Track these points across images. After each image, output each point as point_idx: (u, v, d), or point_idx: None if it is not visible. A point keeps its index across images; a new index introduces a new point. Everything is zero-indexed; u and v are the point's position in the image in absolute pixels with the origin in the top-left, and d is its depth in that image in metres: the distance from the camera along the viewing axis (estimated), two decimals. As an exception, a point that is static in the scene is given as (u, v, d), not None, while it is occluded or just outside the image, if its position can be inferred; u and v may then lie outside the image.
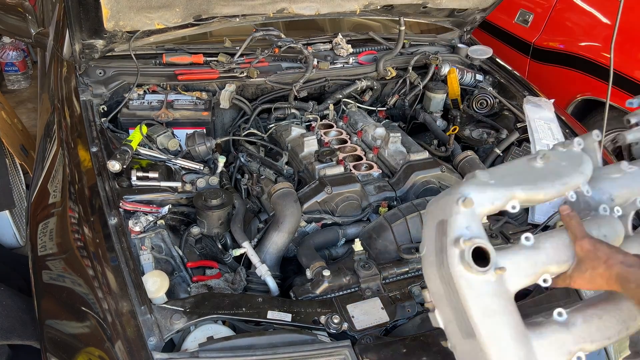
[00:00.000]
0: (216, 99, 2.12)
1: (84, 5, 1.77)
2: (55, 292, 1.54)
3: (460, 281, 0.96)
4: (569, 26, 3.27)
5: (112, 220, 1.51)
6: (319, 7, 2.15)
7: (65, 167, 1.72)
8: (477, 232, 0.97)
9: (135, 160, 1.76)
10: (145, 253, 1.49)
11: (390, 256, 1.66)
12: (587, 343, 0.99)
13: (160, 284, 1.38)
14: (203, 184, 1.77)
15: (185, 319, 1.32)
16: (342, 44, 2.42)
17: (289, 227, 1.69)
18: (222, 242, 1.76)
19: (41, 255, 1.63)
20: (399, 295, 1.53)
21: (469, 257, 0.94)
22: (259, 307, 1.40)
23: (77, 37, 1.85)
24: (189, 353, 1.27)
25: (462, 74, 2.46)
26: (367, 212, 1.86)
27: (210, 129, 2.06)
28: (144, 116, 1.99)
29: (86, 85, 1.97)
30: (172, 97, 2.08)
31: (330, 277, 1.50)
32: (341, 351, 1.31)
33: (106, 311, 1.34)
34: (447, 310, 1.03)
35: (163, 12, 1.89)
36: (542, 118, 2.14)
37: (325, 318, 1.39)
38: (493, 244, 1.36)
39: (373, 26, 2.84)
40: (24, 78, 4.52)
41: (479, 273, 0.94)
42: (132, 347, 1.26)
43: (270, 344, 1.30)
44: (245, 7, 2.02)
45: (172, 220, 1.70)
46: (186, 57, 2.17)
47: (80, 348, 1.38)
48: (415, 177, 1.90)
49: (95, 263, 1.44)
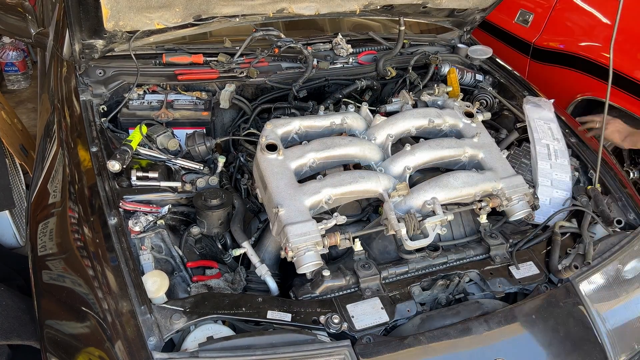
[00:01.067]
0: (216, 99, 2.12)
1: (84, 5, 1.77)
2: (55, 292, 1.54)
3: (261, 158, 1.66)
4: (569, 26, 3.27)
5: (112, 220, 1.51)
6: (319, 7, 2.14)
7: (65, 167, 1.72)
8: (271, 137, 1.71)
9: (135, 160, 1.76)
10: (145, 253, 1.50)
11: (390, 256, 1.67)
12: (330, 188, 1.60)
13: (160, 284, 1.38)
14: (203, 184, 1.77)
15: (185, 319, 1.32)
16: (342, 44, 2.42)
17: (288, 227, 1.69)
18: (221, 242, 1.76)
19: (41, 255, 1.64)
20: (398, 295, 1.53)
21: (264, 146, 1.66)
22: (259, 307, 1.40)
23: (77, 37, 1.85)
24: (189, 353, 1.27)
25: (462, 74, 2.46)
26: (367, 211, 1.86)
27: (210, 129, 2.06)
28: (143, 116, 1.99)
29: (86, 85, 1.97)
30: (172, 97, 2.08)
31: (330, 277, 1.50)
32: (341, 351, 1.32)
33: (106, 311, 1.34)
34: (259, 185, 1.67)
35: (163, 12, 1.89)
36: (542, 118, 2.14)
37: (325, 318, 1.40)
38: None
39: (373, 26, 2.84)
40: (24, 78, 4.52)
41: (270, 154, 1.65)
42: (132, 347, 1.26)
43: (270, 343, 1.30)
44: (245, 7, 2.02)
45: (172, 220, 1.70)
46: (186, 57, 2.17)
47: (80, 348, 1.38)
48: (415, 178, 1.90)
49: (95, 263, 1.44)
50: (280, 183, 1.58)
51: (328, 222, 1.53)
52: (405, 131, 1.84)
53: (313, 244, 1.47)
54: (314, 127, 1.83)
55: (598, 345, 1.52)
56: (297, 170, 1.67)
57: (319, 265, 1.49)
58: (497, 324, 1.46)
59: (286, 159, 1.65)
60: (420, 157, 1.74)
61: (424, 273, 1.60)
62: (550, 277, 1.65)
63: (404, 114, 1.88)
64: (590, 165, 2.03)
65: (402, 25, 2.41)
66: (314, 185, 1.59)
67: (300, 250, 1.46)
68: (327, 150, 1.71)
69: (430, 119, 1.86)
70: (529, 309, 1.52)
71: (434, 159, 1.76)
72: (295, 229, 1.47)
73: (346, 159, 1.75)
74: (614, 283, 1.67)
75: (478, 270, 1.63)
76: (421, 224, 1.56)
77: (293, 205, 1.53)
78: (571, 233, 1.77)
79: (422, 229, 1.57)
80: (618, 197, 1.92)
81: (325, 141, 1.74)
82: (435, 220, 1.57)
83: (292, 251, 1.46)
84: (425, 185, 1.65)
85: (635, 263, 1.73)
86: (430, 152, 1.75)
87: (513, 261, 1.66)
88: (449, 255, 1.63)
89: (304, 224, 1.49)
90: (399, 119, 1.84)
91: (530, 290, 1.61)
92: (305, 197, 1.56)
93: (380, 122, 1.86)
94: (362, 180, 1.63)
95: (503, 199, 1.70)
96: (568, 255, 1.71)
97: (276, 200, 1.54)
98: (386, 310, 1.47)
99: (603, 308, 1.60)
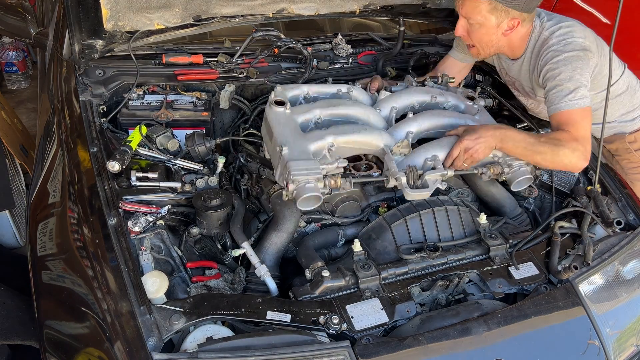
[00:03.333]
0: (216, 99, 2.12)
1: (84, 5, 1.78)
2: (54, 292, 1.55)
3: (269, 112, 1.74)
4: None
5: (111, 221, 1.51)
6: (319, 8, 2.15)
7: (64, 167, 1.72)
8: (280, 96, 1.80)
9: (134, 161, 1.76)
10: (145, 253, 1.50)
11: (390, 257, 1.66)
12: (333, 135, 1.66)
13: (159, 285, 1.38)
14: (202, 184, 1.77)
15: (184, 320, 1.32)
16: (341, 44, 2.42)
17: (288, 228, 1.69)
18: (221, 242, 1.76)
19: (41, 256, 1.64)
20: (398, 295, 1.53)
21: (272, 101, 1.75)
22: (259, 308, 1.40)
23: (77, 38, 1.85)
24: (189, 353, 1.27)
25: (462, 74, 2.46)
26: (367, 212, 1.86)
27: (209, 129, 2.06)
28: (143, 116, 1.99)
29: (86, 85, 1.97)
30: (171, 98, 2.08)
31: (330, 278, 1.50)
32: (340, 352, 1.32)
33: (105, 311, 1.34)
34: (266, 138, 1.76)
35: (162, 12, 1.89)
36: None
37: (325, 318, 1.40)
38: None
39: (373, 26, 2.84)
40: (24, 78, 4.52)
41: (278, 107, 1.73)
42: (132, 348, 1.26)
43: (269, 344, 1.30)
44: (244, 7, 2.02)
45: (171, 221, 1.70)
46: (186, 57, 2.16)
47: (79, 348, 1.38)
48: None
49: (94, 263, 1.44)
50: (285, 130, 1.65)
51: (330, 165, 1.58)
52: (409, 105, 1.92)
53: (314, 179, 1.52)
54: (321, 93, 1.92)
55: (598, 346, 1.52)
56: (303, 125, 1.74)
57: (318, 200, 1.53)
58: (497, 324, 1.46)
59: (293, 113, 1.74)
60: (423, 123, 1.80)
61: (423, 274, 1.60)
62: (549, 277, 1.65)
63: (408, 89, 1.98)
64: (590, 166, 2.03)
65: (402, 26, 2.41)
66: (318, 132, 1.67)
67: (301, 183, 1.51)
68: (332, 108, 1.78)
69: (432, 95, 1.94)
70: (529, 309, 1.52)
71: (435, 126, 1.82)
72: (297, 164, 1.54)
73: (350, 119, 1.80)
74: (613, 283, 1.68)
75: (478, 270, 1.63)
76: (422, 177, 1.62)
77: (297, 146, 1.59)
78: (571, 234, 1.77)
79: (423, 182, 1.63)
80: (618, 197, 1.92)
81: (331, 101, 1.84)
82: (436, 174, 1.63)
83: (293, 183, 1.51)
84: (426, 145, 1.74)
85: (635, 263, 1.73)
86: (432, 119, 1.82)
87: (513, 262, 1.66)
88: (448, 256, 1.63)
89: (307, 161, 1.56)
90: (403, 94, 1.93)
91: (529, 290, 1.61)
92: (309, 142, 1.62)
93: (385, 97, 1.93)
94: (365, 131, 1.70)
95: (504, 166, 1.74)
96: (568, 255, 1.70)
97: (280, 141, 1.61)
98: (386, 311, 1.47)
99: (603, 308, 1.60)
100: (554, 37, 1.86)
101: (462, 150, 1.68)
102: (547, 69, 1.82)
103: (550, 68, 1.81)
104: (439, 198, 1.80)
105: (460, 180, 1.99)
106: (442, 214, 1.73)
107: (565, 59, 1.80)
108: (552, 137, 1.73)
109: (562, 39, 1.85)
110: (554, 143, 1.70)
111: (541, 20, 1.92)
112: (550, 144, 1.69)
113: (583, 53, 1.81)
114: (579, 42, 1.83)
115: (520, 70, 2.02)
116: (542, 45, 1.88)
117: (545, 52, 1.86)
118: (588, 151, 1.73)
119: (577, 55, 1.80)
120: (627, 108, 2.18)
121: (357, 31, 2.64)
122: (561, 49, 1.82)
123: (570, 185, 1.99)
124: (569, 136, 1.71)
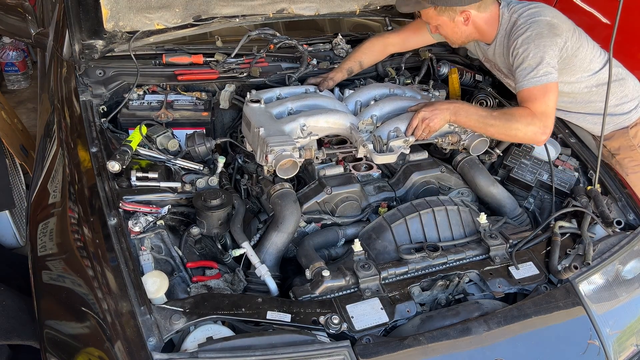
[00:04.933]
0: (216, 99, 2.12)
1: (84, 5, 1.78)
2: (55, 292, 1.55)
3: (246, 109, 1.91)
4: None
5: (111, 221, 1.51)
6: (319, 8, 2.15)
7: (65, 167, 1.72)
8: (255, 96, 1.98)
9: (135, 161, 1.76)
10: (145, 253, 1.50)
11: (390, 256, 1.67)
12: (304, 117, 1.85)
13: (159, 285, 1.38)
14: (203, 184, 1.77)
15: (184, 320, 1.32)
16: (341, 44, 2.42)
17: (288, 228, 1.69)
18: (221, 242, 1.77)
19: (41, 256, 1.64)
20: (398, 295, 1.53)
21: (248, 101, 1.94)
22: (259, 308, 1.40)
23: (77, 38, 1.85)
24: (189, 353, 1.27)
25: (462, 74, 2.46)
26: (367, 212, 1.86)
27: (210, 130, 2.06)
28: (143, 116, 1.99)
29: (86, 85, 1.97)
30: (171, 98, 2.08)
31: (330, 278, 1.50)
32: (340, 351, 1.32)
33: (106, 311, 1.34)
34: (246, 132, 1.91)
35: (163, 12, 1.89)
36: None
37: (325, 318, 1.40)
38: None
39: (373, 26, 2.84)
40: (24, 78, 4.52)
41: (254, 104, 1.92)
42: (132, 348, 1.26)
43: (269, 344, 1.30)
44: (245, 7, 2.02)
45: (171, 221, 1.70)
46: (186, 57, 2.17)
47: (80, 348, 1.38)
48: (415, 178, 1.91)
49: (94, 263, 1.44)
50: (261, 118, 1.85)
51: (303, 139, 1.80)
52: (371, 98, 2.09)
53: (290, 149, 1.71)
54: (291, 93, 2.09)
55: (598, 346, 1.52)
56: (278, 115, 1.93)
57: (296, 166, 1.73)
58: (497, 324, 1.46)
59: (268, 107, 1.93)
60: (384, 107, 1.99)
61: (423, 273, 1.60)
62: (550, 277, 1.65)
63: (369, 85, 2.20)
64: (590, 166, 2.03)
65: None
66: (291, 116, 1.89)
67: (278, 153, 1.69)
68: (301, 100, 1.98)
69: (390, 89, 2.14)
70: (529, 309, 1.52)
71: (396, 109, 2.00)
72: (274, 138, 1.73)
73: (319, 107, 1.97)
74: (613, 283, 1.68)
75: (478, 270, 1.63)
76: (387, 144, 1.83)
77: (272, 128, 1.79)
78: (571, 233, 1.77)
79: (389, 148, 1.83)
80: (618, 197, 1.92)
81: (301, 95, 2.05)
82: (399, 140, 1.84)
83: (271, 154, 1.69)
84: (389, 121, 1.94)
85: (635, 263, 1.73)
86: (392, 103, 2.01)
87: (513, 261, 1.66)
88: (448, 256, 1.63)
89: (282, 136, 1.76)
90: (365, 89, 2.14)
91: (529, 290, 1.61)
92: (283, 124, 1.83)
93: (349, 94, 2.16)
94: (332, 113, 1.92)
95: (461, 134, 1.93)
96: (568, 255, 1.70)
97: (257, 124, 1.79)
98: (386, 311, 1.47)
99: (603, 308, 1.60)
100: (521, 18, 1.93)
101: (420, 120, 1.85)
102: (514, 48, 1.90)
103: (516, 46, 1.89)
104: (439, 198, 1.80)
105: (461, 180, 1.99)
106: (442, 213, 1.73)
107: (529, 37, 1.86)
108: (506, 112, 1.87)
109: (528, 18, 1.91)
110: (506, 118, 1.82)
111: (509, 5, 1.98)
112: (502, 118, 1.82)
113: (548, 30, 1.87)
114: (545, 20, 1.89)
115: (494, 53, 2.08)
116: (512, 27, 1.95)
117: (514, 32, 1.92)
118: (547, 126, 1.81)
119: (540, 32, 1.86)
120: (619, 99, 2.15)
121: (357, 31, 2.64)
122: (527, 27, 1.88)
123: (570, 185, 1.99)
124: (525, 112, 1.81)
